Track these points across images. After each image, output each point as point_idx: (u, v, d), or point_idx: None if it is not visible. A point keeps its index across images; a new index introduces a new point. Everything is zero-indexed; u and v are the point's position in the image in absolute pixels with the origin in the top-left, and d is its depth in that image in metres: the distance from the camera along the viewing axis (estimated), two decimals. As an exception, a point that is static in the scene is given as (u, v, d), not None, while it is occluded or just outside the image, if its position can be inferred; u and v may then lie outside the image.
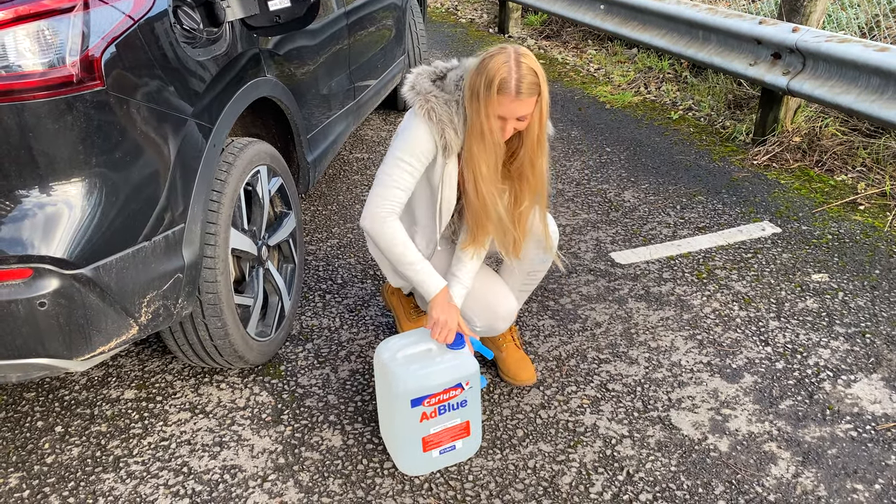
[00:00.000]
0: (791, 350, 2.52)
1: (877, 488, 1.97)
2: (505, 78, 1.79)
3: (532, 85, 1.82)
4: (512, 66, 1.80)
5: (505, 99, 1.81)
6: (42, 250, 1.59)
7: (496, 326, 2.22)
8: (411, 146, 1.94)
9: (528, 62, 1.82)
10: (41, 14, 1.56)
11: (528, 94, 1.82)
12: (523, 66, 1.80)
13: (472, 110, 1.88)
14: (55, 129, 1.58)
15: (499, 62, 1.80)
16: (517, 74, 1.79)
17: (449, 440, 1.98)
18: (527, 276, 2.26)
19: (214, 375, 2.42)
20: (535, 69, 1.83)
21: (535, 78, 1.82)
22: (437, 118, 1.91)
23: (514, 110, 1.83)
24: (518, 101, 1.82)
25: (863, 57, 3.45)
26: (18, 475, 2.04)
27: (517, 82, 1.79)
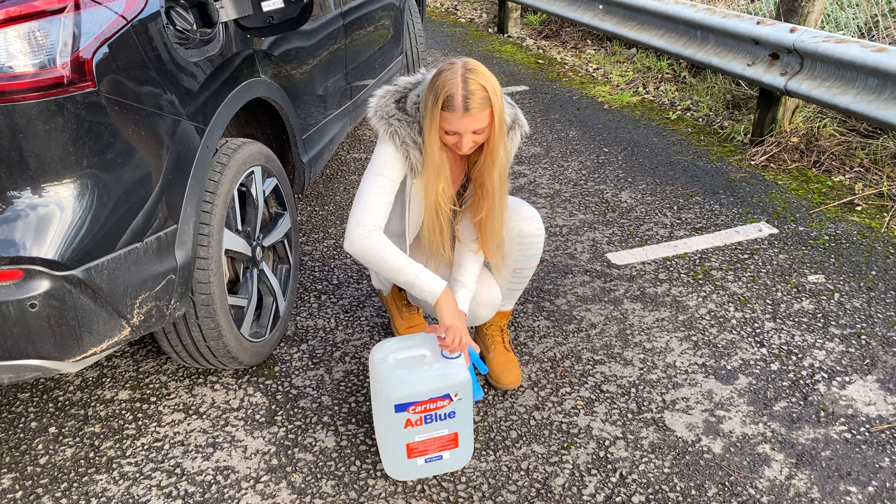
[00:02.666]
0: (786, 351, 2.51)
1: (870, 490, 1.97)
2: (451, 94, 1.80)
3: (481, 100, 1.82)
4: (458, 83, 1.80)
5: (453, 116, 1.83)
6: (33, 252, 1.59)
7: (477, 312, 2.19)
8: (383, 163, 1.99)
9: (475, 78, 1.82)
10: (32, 15, 1.55)
11: (478, 109, 1.82)
12: (470, 82, 1.81)
13: (424, 123, 1.91)
14: (46, 131, 1.58)
15: (446, 78, 1.82)
16: (464, 91, 1.80)
17: (435, 450, 1.96)
18: (513, 273, 2.24)
19: (209, 376, 2.42)
20: (484, 84, 1.82)
21: (484, 93, 1.82)
22: (402, 140, 1.95)
23: (465, 125, 1.84)
24: (468, 116, 1.82)
25: (860, 57, 3.45)
26: (11, 476, 2.04)
27: (464, 99, 1.80)
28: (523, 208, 2.20)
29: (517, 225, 2.17)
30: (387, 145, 1.97)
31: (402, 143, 1.96)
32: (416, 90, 2.00)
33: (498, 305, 2.22)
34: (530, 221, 2.17)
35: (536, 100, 5.11)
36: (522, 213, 2.18)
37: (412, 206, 2.08)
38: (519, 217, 2.17)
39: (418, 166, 1.98)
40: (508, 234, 2.18)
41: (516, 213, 2.18)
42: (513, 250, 2.19)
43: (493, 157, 1.95)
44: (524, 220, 2.17)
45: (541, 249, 2.21)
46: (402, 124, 1.96)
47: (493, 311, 2.22)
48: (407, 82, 2.04)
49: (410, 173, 2.01)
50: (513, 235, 2.17)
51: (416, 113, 1.97)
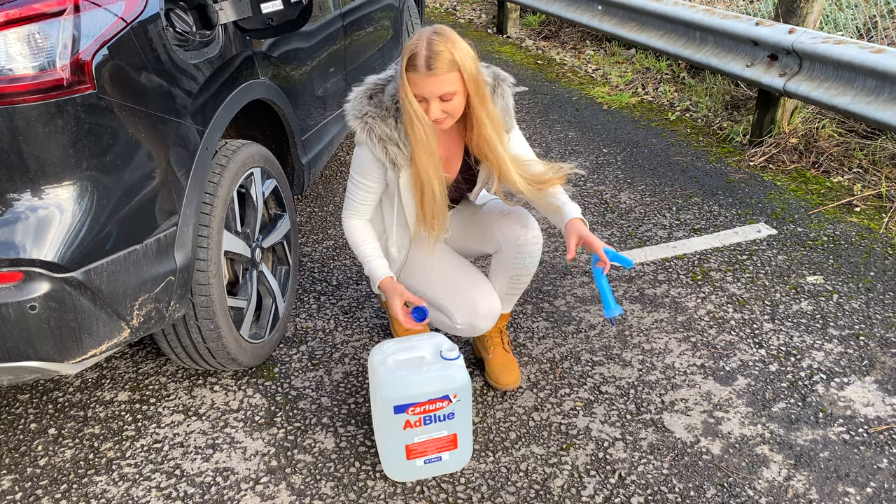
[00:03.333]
0: (785, 352, 2.52)
1: (868, 491, 1.97)
2: (415, 53, 1.77)
3: (446, 62, 1.77)
4: (422, 44, 1.77)
5: (417, 77, 1.79)
6: (33, 254, 1.60)
7: (477, 324, 2.17)
8: (359, 167, 2.05)
9: (440, 40, 1.78)
10: (32, 17, 1.56)
11: (443, 71, 1.77)
12: (435, 42, 1.77)
13: (400, 95, 1.87)
14: (46, 133, 1.58)
15: (412, 42, 1.79)
16: (427, 51, 1.76)
17: (435, 451, 1.96)
18: (510, 279, 2.25)
19: (208, 377, 2.42)
20: (451, 48, 1.77)
21: (450, 55, 1.77)
22: (378, 137, 1.94)
23: (430, 88, 1.79)
24: (431, 77, 1.78)
25: (859, 58, 3.45)
26: (11, 477, 2.05)
27: (426, 59, 1.76)
28: (520, 215, 2.20)
29: (514, 232, 2.17)
30: (363, 145, 1.99)
31: (378, 140, 1.94)
32: (392, 83, 1.97)
33: (497, 316, 2.20)
34: (528, 229, 2.18)
35: (535, 100, 5.11)
36: (520, 220, 2.19)
37: (403, 199, 2.07)
38: (517, 224, 2.18)
39: (398, 160, 1.96)
40: (505, 242, 2.18)
41: (514, 220, 2.19)
42: (510, 257, 2.19)
43: (479, 125, 1.91)
44: (522, 228, 2.18)
45: (538, 257, 2.21)
46: (376, 121, 1.94)
47: (493, 322, 2.20)
48: (377, 78, 2.02)
49: (393, 168, 1.99)
50: (510, 243, 2.17)
51: (392, 105, 1.94)
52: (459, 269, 2.23)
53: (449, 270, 2.23)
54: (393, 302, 2.05)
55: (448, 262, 2.25)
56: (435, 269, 2.23)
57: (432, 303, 2.22)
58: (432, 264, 2.23)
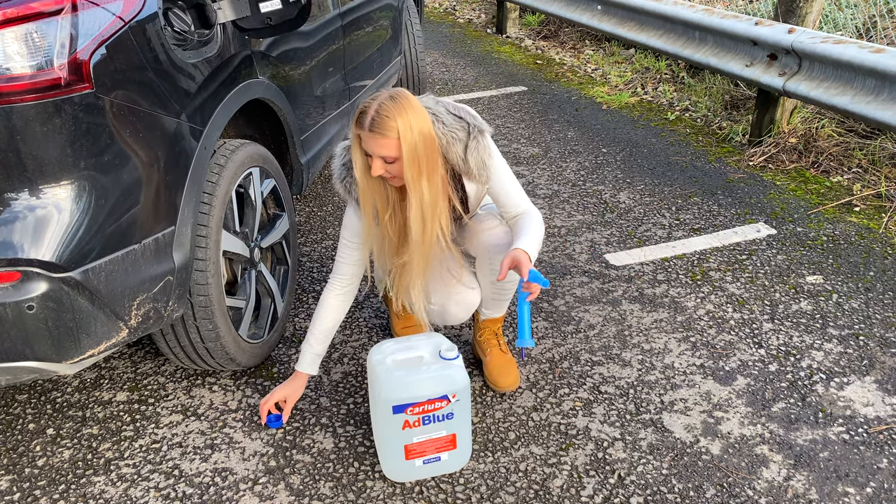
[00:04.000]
0: (784, 352, 2.51)
1: (868, 491, 1.97)
2: (363, 111, 1.80)
3: (387, 127, 1.76)
4: (374, 104, 1.79)
5: (361, 132, 1.81)
6: (30, 253, 1.59)
7: (448, 311, 2.17)
8: (346, 226, 2.11)
9: (391, 105, 1.77)
10: (29, 16, 1.55)
11: (381, 134, 1.77)
12: (384, 106, 1.77)
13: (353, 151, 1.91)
14: (44, 132, 1.58)
15: (369, 99, 1.82)
16: (375, 110, 1.77)
17: (434, 451, 1.96)
18: (493, 286, 2.21)
19: (207, 378, 2.42)
20: (398, 114, 1.76)
21: (393, 122, 1.76)
22: (354, 197, 2.03)
23: (372, 147, 1.81)
24: (371, 136, 1.79)
25: (858, 58, 3.45)
26: (9, 478, 2.04)
27: (372, 117, 1.77)
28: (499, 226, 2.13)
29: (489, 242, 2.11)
30: (349, 205, 2.09)
31: (355, 200, 2.04)
32: None
33: (473, 308, 2.21)
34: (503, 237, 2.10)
35: (535, 100, 5.11)
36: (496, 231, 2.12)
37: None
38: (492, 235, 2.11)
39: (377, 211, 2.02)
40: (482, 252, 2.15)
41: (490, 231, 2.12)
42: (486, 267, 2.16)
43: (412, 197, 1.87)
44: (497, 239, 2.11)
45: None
46: (353, 180, 2.00)
47: (464, 316, 2.21)
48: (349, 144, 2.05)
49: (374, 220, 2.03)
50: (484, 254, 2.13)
51: None
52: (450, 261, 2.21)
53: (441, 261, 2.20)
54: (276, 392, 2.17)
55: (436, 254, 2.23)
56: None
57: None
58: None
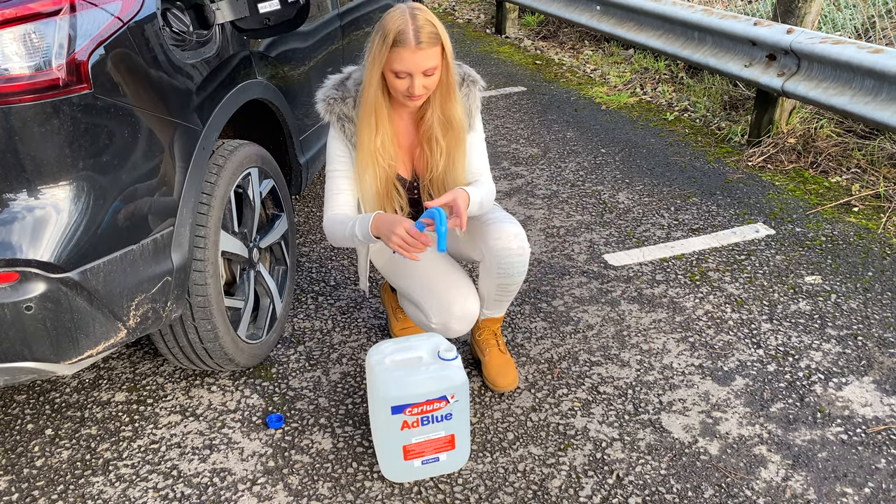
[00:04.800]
0: (783, 353, 2.51)
1: (866, 492, 1.97)
2: (402, 29, 1.79)
3: (431, 35, 1.81)
4: (408, 18, 1.80)
5: (405, 52, 1.80)
6: (29, 254, 1.59)
7: (451, 326, 2.11)
8: (330, 154, 2.07)
9: (423, 14, 1.83)
10: (28, 17, 1.55)
11: (429, 44, 1.81)
12: (419, 17, 1.81)
13: (367, 71, 1.89)
14: (42, 133, 1.58)
15: (394, 16, 1.82)
16: (414, 25, 1.80)
17: (432, 451, 1.96)
18: (497, 288, 2.18)
19: (205, 378, 2.42)
20: (433, 20, 1.83)
21: (434, 28, 1.82)
22: (336, 116, 2.01)
23: (416, 62, 1.82)
24: (419, 51, 1.81)
25: (857, 58, 3.45)
26: (7, 478, 2.04)
27: (415, 32, 1.79)
28: (507, 226, 2.11)
29: (499, 243, 2.09)
30: (331, 128, 2.05)
31: (338, 119, 2.01)
32: (358, 70, 2.03)
33: (473, 320, 2.14)
34: (512, 240, 2.09)
35: (534, 100, 5.11)
36: (504, 231, 2.10)
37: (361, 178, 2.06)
38: (500, 235, 2.09)
39: (353, 138, 2.01)
40: (489, 252, 2.11)
41: (499, 230, 2.10)
42: (494, 267, 2.12)
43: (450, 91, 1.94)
44: (505, 239, 2.09)
45: (525, 268, 2.13)
46: (336, 101, 2.01)
47: (468, 325, 2.13)
48: (351, 67, 2.08)
49: (351, 147, 2.03)
50: (493, 254, 2.10)
51: (354, 88, 2.00)
52: (441, 268, 2.18)
53: (431, 268, 2.18)
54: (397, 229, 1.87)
55: (432, 260, 2.21)
56: (416, 265, 2.19)
57: (409, 299, 2.20)
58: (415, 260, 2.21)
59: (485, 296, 2.23)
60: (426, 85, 1.88)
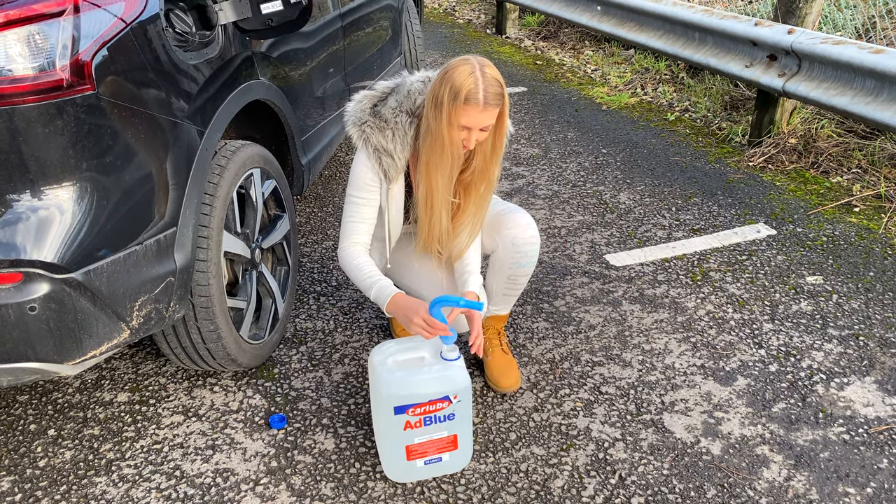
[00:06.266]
0: (784, 353, 2.52)
1: (869, 491, 1.97)
2: (472, 89, 1.81)
3: (497, 96, 1.85)
4: (479, 77, 1.82)
5: (472, 109, 1.83)
6: (32, 255, 1.59)
7: (459, 321, 2.14)
8: (357, 181, 2.05)
9: (492, 73, 1.85)
10: (31, 18, 1.55)
11: (494, 105, 1.85)
12: (488, 76, 1.84)
13: (432, 121, 1.89)
14: (46, 134, 1.58)
15: (465, 73, 1.83)
16: (484, 84, 1.82)
17: (435, 452, 1.96)
18: (507, 280, 2.23)
19: (208, 378, 2.42)
20: (500, 80, 1.86)
21: (500, 89, 1.86)
22: (373, 148, 1.98)
23: (481, 120, 1.86)
24: (485, 111, 1.84)
25: (858, 59, 3.46)
26: (10, 479, 2.04)
27: (485, 93, 1.82)
28: (518, 215, 2.18)
29: (512, 233, 2.15)
30: (360, 154, 2.03)
31: (374, 151, 1.99)
32: (395, 95, 2.01)
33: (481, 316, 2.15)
34: (525, 229, 2.16)
35: (535, 101, 5.11)
36: (517, 220, 2.17)
37: (390, 211, 2.09)
38: (514, 225, 2.16)
39: (391, 172, 2.01)
40: (503, 242, 2.16)
41: (511, 220, 2.16)
42: (507, 258, 2.17)
43: (497, 148, 1.98)
44: (519, 228, 2.15)
45: (536, 257, 2.20)
46: (373, 131, 1.98)
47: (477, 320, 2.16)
48: (386, 87, 2.05)
49: (385, 179, 2.02)
50: (507, 243, 2.15)
51: (392, 118, 1.98)
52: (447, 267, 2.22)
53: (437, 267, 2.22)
54: (415, 317, 1.91)
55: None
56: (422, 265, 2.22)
57: (416, 295, 2.21)
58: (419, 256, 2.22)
59: (492, 291, 2.25)
60: (479, 139, 1.92)
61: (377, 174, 2.02)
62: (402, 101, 1.99)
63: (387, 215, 2.10)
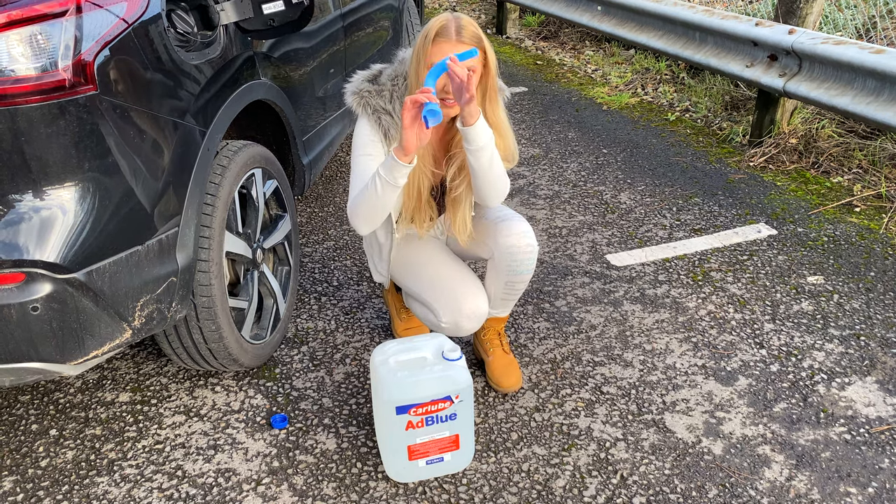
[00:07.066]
0: (786, 353, 2.52)
1: (870, 491, 1.97)
2: (444, 25, 1.86)
3: (473, 35, 1.87)
4: (450, 17, 1.88)
5: (446, 44, 1.85)
6: (35, 255, 1.59)
7: (461, 324, 2.13)
8: (359, 142, 2.05)
9: (467, 19, 1.89)
10: (34, 18, 1.56)
11: (469, 40, 1.87)
12: (463, 19, 1.88)
13: (411, 70, 1.94)
14: (48, 134, 1.58)
15: (438, 19, 1.89)
16: (456, 23, 1.87)
17: (437, 452, 1.96)
18: (504, 285, 2.20)
19: (209, 378, 2.42)
20: (474, 24, 1.90)
21: (475, 30, 1.89)
22: (373, 108, 2.02)
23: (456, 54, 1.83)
24: (460, 44, 1.86)
25: (858, 59, 3.46)
26: (13, 479, 2.04)
27: (457, 27, 1.86)
28: (515, 223, 2.15)
29: (508, 241, 2.12)
30: (360, 119, 2.05)
31: (373, 111, 2.02)
32: (390, 67, 2.07)
33: (483, 318, 2.16)
34: (521, 237, 2.12)
35: (535, 101, 5.12)
36: (514, 228, 2.13)
37: None
38: (510, 233, 2.13)
39: (391, 130, 2.02)
40: (498, 250, 2.14)
41: (508, 228, 2.14)
42: (503, 264, 2.15)
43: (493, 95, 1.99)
44: (515, 237, 2.12)
45: (533, 265, 2.17)
46: (371, 94, 2.03)
47: (478, 323, 2.15)
48: (379, 66, 2.12)
49: (385, 140, 2.04)
50: (503, 251, 2.13)
51: (389, 83, 2.03)
52: (450, 267, 2.22)
53: (439, 267, 2.22)
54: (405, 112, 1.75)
55: (440, 259, 2.24)
56: (425, 265, 2.22)
57: (418, 298, 2.21)
58: (424, 259, 2.23)
59: (492, 295, 2.24)
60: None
61: (378, 133, 2.04)
62: (397, 68, 2.06)
63: None
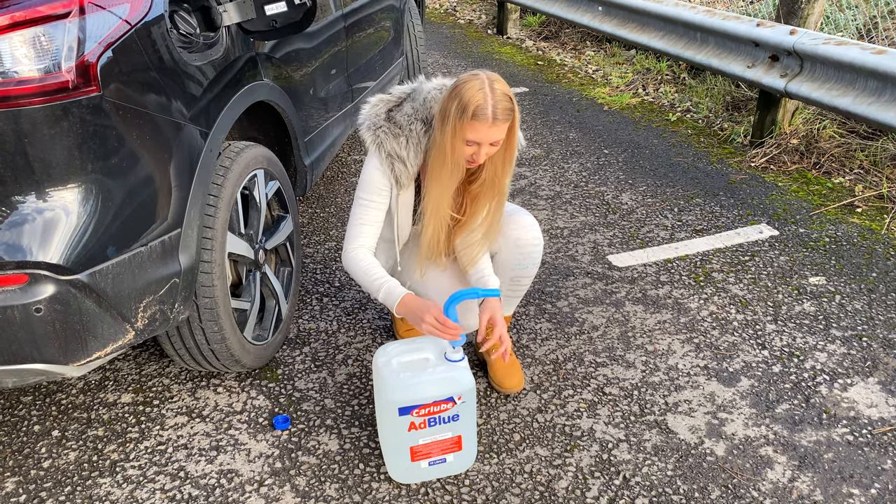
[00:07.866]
0: (788, 353, 2.52)
1: (873, 493, 1.97)
2: (481, 105, 1.81)
3: (506, 111, 1.85)
4: (487, 93, 1.82)
5: (481, 125, 1.83)
6: (38, 256, 1.59)
7: (465, 319, 2.16)
8: (367, 184, 2.05)
9: (501, 88, 1.85)
10: (37, 20, 1.55)
11: (503, 120, 1.85)
12: (497, 91, 1.83)
13: (439, 133, 1.90)
14: (51, 135, 1.58)
15: (473, 88, 1.83)
16: (493, 100, 1.82)
17: (439, 453, 1.96)
18: (510, 281, 2.24)
19: (211, 379, 2.42)
20: (509, 95, 1.86)
21: (510, 104, 1.85)
22: (387, 153, 1.99)
23: (489, 136, 1.86)
24: (494, 126, 1.84)
25: (860, 59, 3.46)
26: (15, 479, 2.04)
27: (493, 108, 1.82)
28: (522, 217, 2.19)
29: (515, 234, 2.16)
30: (372, 158, 2.03)
31: (387, 157, 2.00)
32: (411, 102, 2.02)
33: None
34: (528, 230, 2.17)
35: (536, 101, 5.12)
36: (521, 221, 2.18)
37: (400, 216, 2.11)
38: (517, 226, 2.17)
39: (403, 178, 2.02)
40: (506, 243, 2.18)
41: (514, 221, 2.17)
42: (510, 259, 2.19)
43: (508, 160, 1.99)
44: (522, 230, 2.16)
45: (539, 259, 2.21)
46: (388, 136, 1.99)
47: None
48: (402, 92, 2.06)
49: (396, 185, 2.03)
50: (510, 244, 2.17)
51: (407, 126, 1.99)
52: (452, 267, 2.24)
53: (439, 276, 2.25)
54: (426, 316, 1.92)
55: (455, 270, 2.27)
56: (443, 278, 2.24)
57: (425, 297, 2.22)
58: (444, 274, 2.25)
59: None
60: (489, 153, 1.92)
61: (388, 179, 2.03)
62: (418, 109, 2.00)
63: (396, 219, 2.11)
